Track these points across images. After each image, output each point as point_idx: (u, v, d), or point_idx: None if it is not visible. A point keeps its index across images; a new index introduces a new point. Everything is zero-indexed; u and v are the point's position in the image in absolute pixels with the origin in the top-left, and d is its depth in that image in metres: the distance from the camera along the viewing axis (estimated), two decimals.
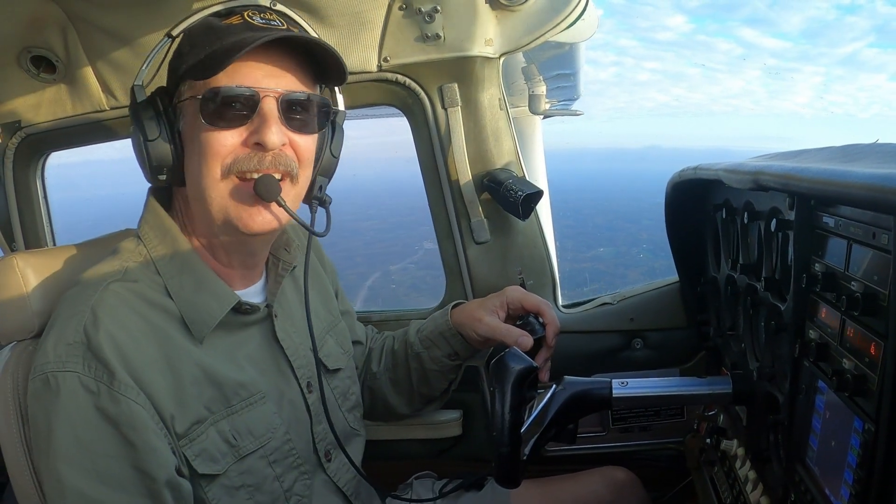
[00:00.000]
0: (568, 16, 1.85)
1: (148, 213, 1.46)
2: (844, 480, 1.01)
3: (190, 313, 1.37)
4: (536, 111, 3.82)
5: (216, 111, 1.29)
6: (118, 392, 1.21)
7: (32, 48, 1.90)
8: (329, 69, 1.40)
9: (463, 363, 1.85)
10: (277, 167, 1.33)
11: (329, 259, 1.91)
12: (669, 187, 1.81)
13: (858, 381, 0.97)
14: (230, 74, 1.28)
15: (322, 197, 1.52)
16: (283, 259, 1.58)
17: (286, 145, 1.34)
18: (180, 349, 1.33)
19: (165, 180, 1.39)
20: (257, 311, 1.48)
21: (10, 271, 1.46)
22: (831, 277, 1.08)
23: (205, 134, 1.30)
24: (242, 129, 1.30)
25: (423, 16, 1.84)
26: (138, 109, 1.36)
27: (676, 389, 1.49)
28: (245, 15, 1.34)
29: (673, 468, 2.14)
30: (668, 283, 2.11)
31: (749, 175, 1.20)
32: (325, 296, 1.80)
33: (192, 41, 1.35)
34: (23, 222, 2.31)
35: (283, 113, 1.32)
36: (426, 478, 1.99)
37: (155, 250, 1.40)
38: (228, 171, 1.31)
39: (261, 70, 1.30)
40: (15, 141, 2.18)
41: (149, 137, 1.34)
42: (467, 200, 2.02)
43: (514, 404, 1.28)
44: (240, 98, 1.28)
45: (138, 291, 1.34)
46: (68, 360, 1.22)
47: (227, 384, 1.37)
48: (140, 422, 1.22)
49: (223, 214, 1.34)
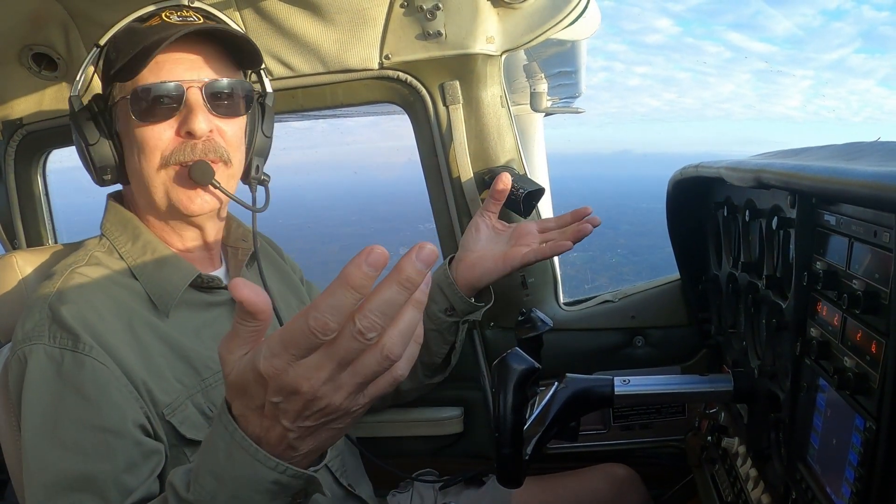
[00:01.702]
0: (569, 13, 1.85)
1: (108, 213, 1.54)
2: (845, 478, 1.01)
3: (153, 288, 1.43)
4: (538, 109, 3.81)
5: (146, 108, 1.36)
6: (82, 353, 1.25)
7: (34, 45, 1.90)
8: (245, 53, 1.47)
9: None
10: (207, 154, 1.40)
11: (291, 259, 1.97)
12: (671, 185, 1.81)
13: (860, 379, 0.97)
14: (154, 72, 1.36)
15: (259, 177, 1.60)
16: (242, 248, 1.65)
17: (213, 131, 1.41)
18: (146, 323, 1.38)
19: (111, 180, 1.48)
20: (220, 293, 1.53)
21: (10, 269, 1.47)
22: (832, 275, 1.08)
23: (138, 130, 1.38)
24: (172, 120, 1.38)
25: (425, 13, 1.84)
26: (77, 117, 1.44)
27: (678, 387, 1.49)
28: (163, 15, 1.42)
29: (674, 466, 2.14)
30: (669, 281, 2.11)
31: (750, 173, 1.20)
32: (292, 286, 1.85)
33: (117, 47, 1.42)
34: (24, 220, 2.31)
35: (207, 101, 1.39)
36: (427, 475, 2.00)
37: (118, 240, 1.48)
38: (167, 162, 1.38)
39: (182, 64, 1.38)
40: (16, 138, 2.18)
41: (90, 142, 1.43)
42: (469, 198, 2.02)
43: (517, 405, 1.28)
44: (166, 92, 1.36)
45: (103, 273, 1.42)
46: (34, 334, 1.28)
47: (195, 357, 1.41)
48: (103, 378, 1.25)
49: (166, 200, 1.42)
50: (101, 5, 1.76)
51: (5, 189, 2.27)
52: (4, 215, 2.31)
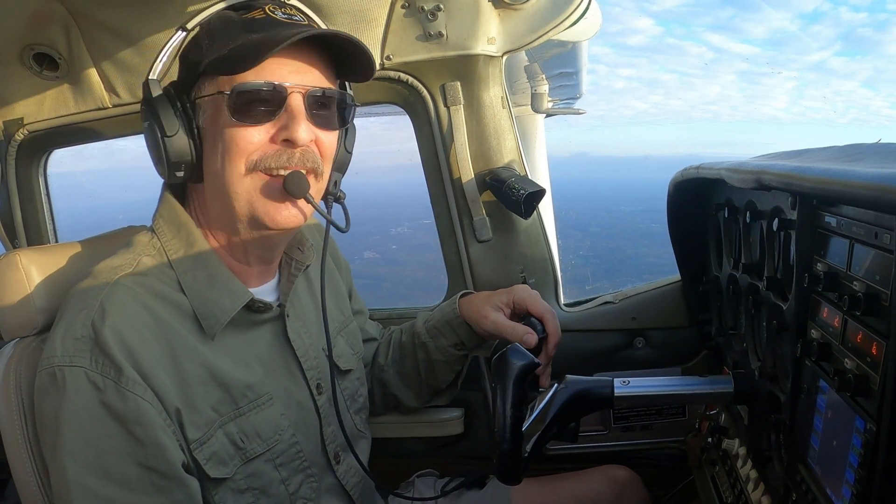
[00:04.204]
0: (570, 14, 1.85)
1: (163, 207, 1.44)
2: (846, 480, 1.01)
3: (202, 308, 1.36)
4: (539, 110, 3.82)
5: (244, 107, 1.28)
6: (125, 388, 1.21)
7: (35, 45, 1.90)
8: (354, 65, 1.39)
9: (469, 354, 1.85)
10: (305, 164, 1.33)
11: (344, 257, 1.91)
12: (671, 186, 1.81)
13: (860, 380, 0.97)
14: (257, 70, 1.27)
15: (337, 193, 1.52)
16: (297, 258, 1.57)
17: (312, 142, 1.34)
18: (188, 348, 1.32)
19: (183, 177, 1.36)
20: (270, 311, 1.47)
21: (13, 267, 1.47)
22: (833, 277, 1.08)
23: (231, 130, 1.29)
24: (269, 125, 1.30)
25: (426, 14, 1.84)
26: (154, 104, 1.32)
27: (678, 388, 1.49)
28: (267, 9, 1.33)
29: (674, 467, 2.14)
30: (670, 283, 2.11)
31: (751, 174, 1.20)
32: (338, 296, 1.80)
33: (211, 35, 1.33)
34: (25, 219, 2.32)
35: (308, 109, 1.31)
36: (428, 476, 2.00)
37: (169, 244, 1.39)
38: (254, 167, 1.30)
39: (287, 66, 1.30)
40: (18, 138, 2.18)
41: (167, 133, 1.31)
42: (469, 199, 2.02)
43: (516, 401, 1.28)
44: (268, 94, 1.28)
45: (149, 286, 1.33)
46: (76, 354, 1.22)
47: (233, 385, 1.36)
48: (147, 418, 1.22)
49: (249, 209, 1.33)
50: (103, 5, 1.77)
51: (6, 189, 2.27)
52: (5, 215, 2.31)
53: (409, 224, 34.28)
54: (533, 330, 1.66)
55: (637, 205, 10.81)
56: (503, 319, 1.70)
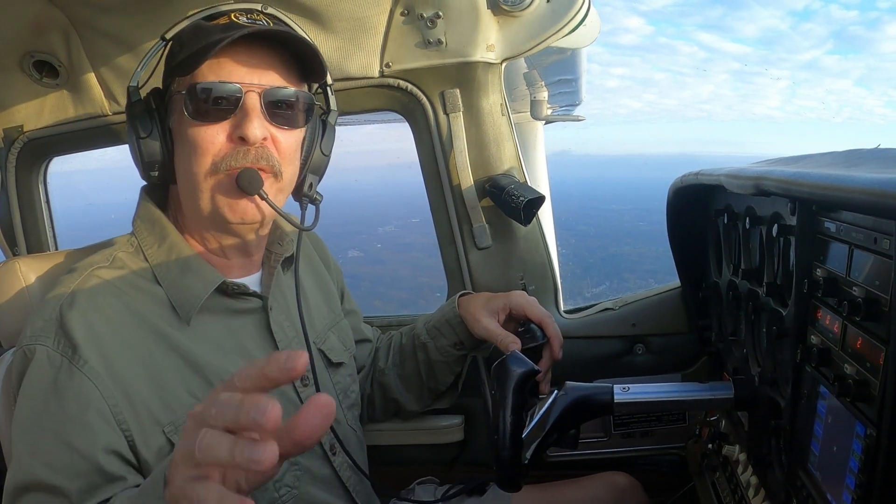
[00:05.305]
0: (569, 21, 1.86)
1: (140, 208, 1.50)
2: (846, 485, 1.01)
3: (175, 295, 1.40)
4: (538, 117, 3.83)
5: (200, 106, 1.32)
6: (75, 366, 1.24)
7: (35, 53, 1.90)
8: (314, 64, 1.42)
9: (468, 353, 1.86)
10: (259, 162, 1.35)
11: (335, 260, 1.93)
12: (671, 192, 1.81)
13: (860, 386, 0.97)
14: (215, 71, 1.32)
15: (312, 195, 1.55)
16: (275, 252, 1.60)
17: (267, 140, 1.36)
18: (161, 335, 1.35)
19: (157, 177, 1.42)
20: (249, 300, 1.50)
21: (13, 275, 1.47)
22: (833, 283, 1.08)
23: (191, 129, 1.34)
24: (226, 123, 1.33)
25: (425, 21, 1.84)
26: (133, 109, 1.39)
27: (678, 395, 1.49)
28: (232, 16, 1.38)
29: (675, 473, 2.13)
30: (669, 289, 2.11)
31: (750, 180, 1.21)
32: (327, 294, 1.82)
33: (181, 42, 1.38)
34: (25, 227, 2.31)
35: (265, 108, 1.34)
36: (428, 483, 1.99)
37: (145, 241, 1.45)
38: (216, 168, 1.34)
39: (244, 66, 1.34)
40: (17, 145, 2.18)
41: (141, 135, 1.37)
42: (469, 206, 2.02)
43: (516, 407, 1.28)
44: (223, 93, 1.31)
45: (124, 277, 1.38)
46: (41, 334, 1.27)
47: (209, 371, 1.38)
48: (85, 397, 1.23)
49: (210, 206, 1.38)
50: (103, 12, 1.77)
51: (6, 196, 2.27)
52: (5, 222, 2.31)
53: (397, 223, 34.39)
54: (530, 338, 1.67)
55: (626, 203, 10.65)
56: (494, 325, 1.71)
